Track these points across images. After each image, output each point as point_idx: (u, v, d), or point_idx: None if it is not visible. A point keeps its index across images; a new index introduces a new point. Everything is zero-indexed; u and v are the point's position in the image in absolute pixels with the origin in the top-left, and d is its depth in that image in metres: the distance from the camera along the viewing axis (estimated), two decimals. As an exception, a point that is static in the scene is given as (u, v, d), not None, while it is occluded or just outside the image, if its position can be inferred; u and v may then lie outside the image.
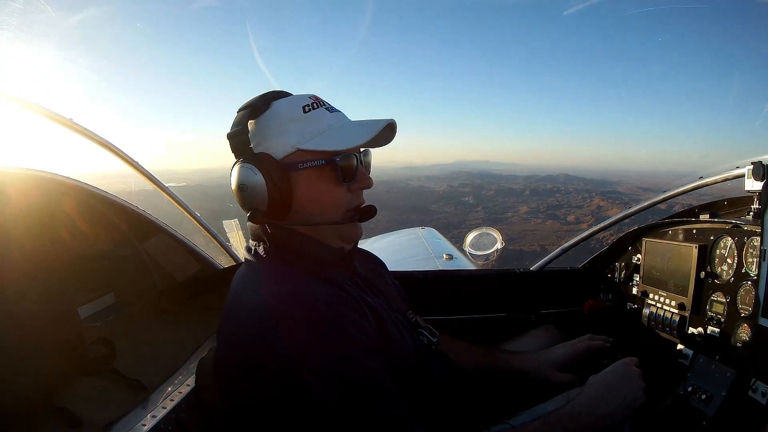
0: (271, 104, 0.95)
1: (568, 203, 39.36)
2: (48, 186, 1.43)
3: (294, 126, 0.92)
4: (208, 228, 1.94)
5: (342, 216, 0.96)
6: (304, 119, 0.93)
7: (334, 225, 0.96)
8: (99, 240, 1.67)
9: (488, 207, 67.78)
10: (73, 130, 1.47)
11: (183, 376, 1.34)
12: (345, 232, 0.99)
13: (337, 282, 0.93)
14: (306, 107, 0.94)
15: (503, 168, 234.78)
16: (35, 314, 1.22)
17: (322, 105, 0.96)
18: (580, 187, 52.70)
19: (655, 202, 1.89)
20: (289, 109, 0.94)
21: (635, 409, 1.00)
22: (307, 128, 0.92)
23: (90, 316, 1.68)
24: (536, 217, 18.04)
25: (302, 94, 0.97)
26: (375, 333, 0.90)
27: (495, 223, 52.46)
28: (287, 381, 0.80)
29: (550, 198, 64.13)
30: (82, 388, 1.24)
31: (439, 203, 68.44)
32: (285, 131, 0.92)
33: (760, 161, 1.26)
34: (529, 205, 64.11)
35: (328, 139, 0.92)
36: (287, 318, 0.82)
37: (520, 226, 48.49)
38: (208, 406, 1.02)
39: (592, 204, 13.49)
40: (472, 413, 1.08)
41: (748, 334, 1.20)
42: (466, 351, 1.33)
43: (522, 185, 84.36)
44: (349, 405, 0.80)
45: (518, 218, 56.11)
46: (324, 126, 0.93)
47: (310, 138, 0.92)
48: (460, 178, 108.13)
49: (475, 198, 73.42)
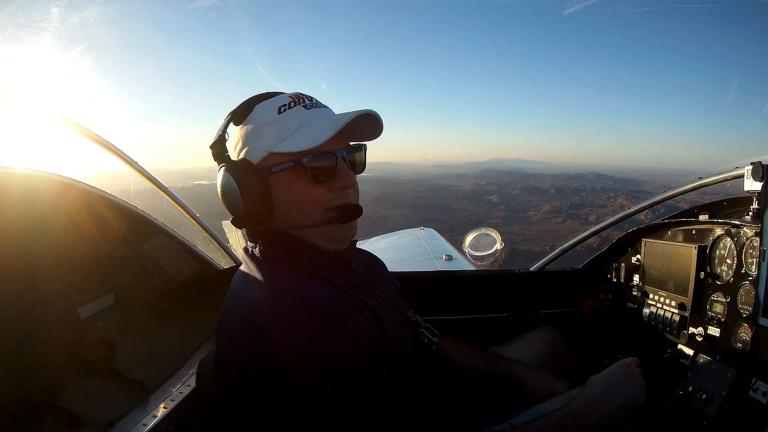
0: (254, 108, 0.94)
1: (592, 202, 38.85)
2: (48, 186, 1.43)
3: (267, 129, 0.92)
4: (208, 228, 1.94)
5: (322, 217, 0.93)
6: (278, 121, 0.92)
7: (318, 227, 0.94)
8: (99, 240, 1.67)
9: (511, 206, 67.01)
10: (73, 130, 1.47)
11: (183, 376, 1.34)
12: (331, 233, 0.96)
13: (334, 282, 0.93)
14: (282, 107, 0.92)
15: (536, 166, 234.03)
16: (35, 314, 1.22)
17: (300, 102, 0.94)
18: (607, 186, 52.12)
19: (655, 202, 1.90)
20: (265, 112, 0.93)
21: (636, 410, 1.00)
22: (279, 130, 0.91)
23: (90, 317, 1.68)
24: (557, 216, 17.92)
25: (287, 93, 0.96)
26: (374, 333, 0.90)
27: (515, 222, 51.78)
28: (286, 381, 0.80)
29: (574, 197, 63.29)
30: (82, 388, 1.25)
31: (462, 201, 67.78)
32: (260, 135, 0.92)
33: (760, 161, 1.26)
34: (552, 204, 63.26)
35: (297, 139, 0.90)
36: (285, 318, 0.82)
37: (539, 226, 47.91)
38: (208, 406, 1.02)
39: (616, 203, 13.41)
40: (472, 413, 1.08)
41: (748, 334, 1.20)
42: (464, 352, 1.33)
43: (549, 183, 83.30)
44: (349, 405, 0.80)
45: (539, 217, 55.51)
46: (295, 125, 0.91)
47: (282, 140, 0.90)
48: (490, 176, 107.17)
49: (500, 196, 72.60)
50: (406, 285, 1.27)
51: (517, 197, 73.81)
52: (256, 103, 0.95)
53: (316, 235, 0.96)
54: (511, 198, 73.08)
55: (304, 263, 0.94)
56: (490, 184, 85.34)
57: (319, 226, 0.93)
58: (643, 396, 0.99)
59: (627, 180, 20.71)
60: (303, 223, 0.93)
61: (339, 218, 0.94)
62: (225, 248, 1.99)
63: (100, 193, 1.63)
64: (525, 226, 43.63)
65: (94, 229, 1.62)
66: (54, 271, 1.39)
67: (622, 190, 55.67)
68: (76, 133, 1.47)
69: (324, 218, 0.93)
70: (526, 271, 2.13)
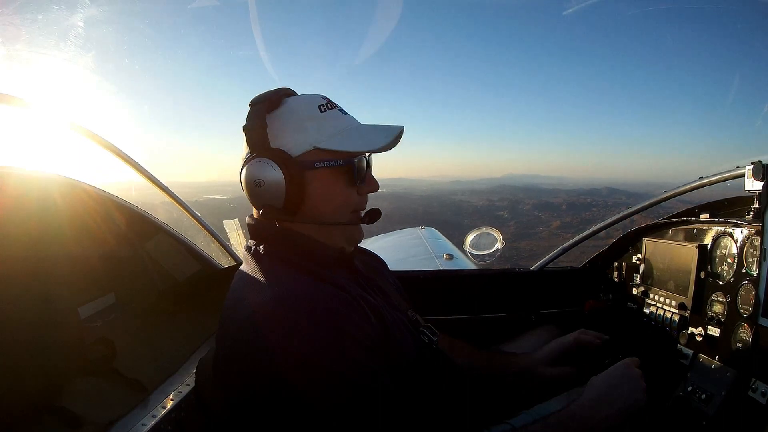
0: (285, 101, 0.96)
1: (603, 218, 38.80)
2: (48, 186, 1.43)
3: (311, 124, 0.93)
4: (209, 228, 1.94)
5: (349, 217, 0.98)
6: (322, 118, 0.94)
7: (341, 226, 0.97)
8: (99, 240, 1.67)
9: (521, 222, 66.95)
10: (74, 131, 1.47)
11: (183, 376, 1.34)
12: (350, 233, 1.01)
13: (337, 282, 0.93)
14: (321, 107, 0.95)
15: (551, 182, 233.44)
16: (35, 314, 1.22)
17: (335, 106, 0.97)
18: (620, 201, 51.65)
19: (655, 202, 1.89)
20: (306, 107, 0.95)
21: (636, 411, 0.99)
22: (324, 127, 0.93)
23: (90, 316, 1.68)
24: (567, 232, 17.48)
25: (314, 94, 0.98)
26: (376, 333, 0.90)
27: (524, 238, 51.78)
28: (285, 382, 0.80)
29: (586, 212, 62.97)
30: (82, 388, 1.25)
31: (473, 217, 67.81)
32: (302, 129, 0.93)
33: (760, 161, 1.26)
34: (563, 220, 62.97)
35: (346, 140, 0.93)
36: (285, 319, 0.82)
37: (547, 242, 47.67)
38: (208, 406, 1.02)
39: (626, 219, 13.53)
40: (472, 413, 1.08)
41: (748, 334, 1.20)
42: (464, 351, 1.33)
43: (561, 199, 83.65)
44: (349, 406, 0.80)
45: (548, 233, 55.36)
46: (341, 127, 0.95)
47: (328, 137, 0.93)
48: (503, 192, 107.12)
49: (511, 212, 72.66)
50: (407, 284, 1.27)
51: (528, 213, 73.85)
52: (285, 96, 0.96)
53: (337, 233, 0.99)
54: (522, 214, 73.06)
55: (308, 262, 0.94)
56: (502, 200, 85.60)
57: (345, 225, 0.98)
58: (643, 397, 0.99)
59: (640, 195, 20.54)
60: (330, 220, 0.96)
61: (367, 220, 1.01)
62: (226, 247, 1.99)
63: (101, 192, 1.63)
64: (533, 242, 43.60)
65: (95, 229, 1.62)
66: (54, 271, 1.39)
67: (634, 205, 55.15)
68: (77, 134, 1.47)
69: (351, 218, 0.98)
70: (527, 270, 2.13)
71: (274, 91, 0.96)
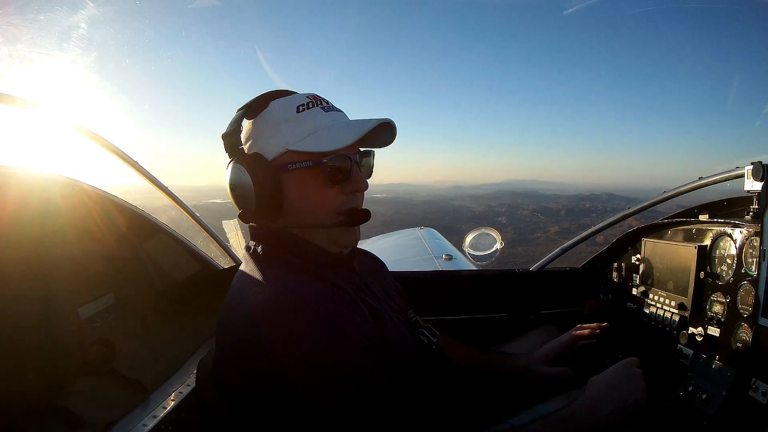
0: (270, 104, 0.95)
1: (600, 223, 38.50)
2: (48, 186, 1.43)
3: (285, 126, 0.92)
4: (208, 228, 1.94)
5: (332, 219, 0.94)
6: (296, 119, 0.92)
7: (326, 228, 0.94)
8: (99, 240, 1.67)
9: (519, 227, 66.83)
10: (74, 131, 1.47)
11: (183, 376, 1.34)
12: (337, 236, 0.97)
13: (336, 282, 0.93)
14: (300, 107, 0.93)
15: (552, 187, 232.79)
16: (35, 314, 1.22)
17: (318, 104, 0.94)
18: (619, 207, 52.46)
19: (655, 202, 1.90)
20: (282, 109, 0.93)
21: (636, 410, 1.00)
22: (298, 128, 0.91)
23: (90, 317, 1.67)
24: (565, 237, 17.85)
25: (302, 93, 0.96)
26: (374, 333, 0.90)
27: (521, 244, 51.90)
28: (285, 382, 0.80)
29: (584, 218, 62.86)
30: (82, 388, 1.24)
31: (471, 223, 67.79)
32: (276, 132, 0.92)
33: (760, 161, 1.26)
34: (561, 226, 62.84)
35: (317, 140, 0.90)
36: (285, 319, 0.82)
37: (544, 248, 47.65)
38: (208, 406, 1.02)
39: (624, 224, 13.33)
40: (472, 413, 1.08)
41: (748, 334, 1.20)
42: (464, 352, 1.33)
43: (561, 205, 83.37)
44: (348, 405, 0.80)
45: (546, 239, 55.38)
46: (315, 126, 0.92)
47: (300, 139, 0.91)
48: (503, 197, 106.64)
49: (509, 218, 72.32)
50: (406, 285, 1.27)
51: (526, 219, 73.78)
52: (271, 99, 0.95)
53: (322, 237, 0.96)
54: (520, 219, 72.91)
55: (306, 263, 0.94)
56: (500, 206, 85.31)
57: (328, 227, 0.94)
58: (643, 397, 0.99)
59: (639, 200, 20.49)
60: (311, 223, 0.93)
61: (348, 221, 0.95)
62: (225, 248, 1.99)
63: (101, 193, 1.63)
64: (530, 248, 43.69)
65: (94, 229, 1.62)
66: (54, 271, 1.38)
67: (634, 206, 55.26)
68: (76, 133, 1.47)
69: (333, 220, 0.94)
70: (526, 270, 2.13)
71: (260, 96, 0.96)
